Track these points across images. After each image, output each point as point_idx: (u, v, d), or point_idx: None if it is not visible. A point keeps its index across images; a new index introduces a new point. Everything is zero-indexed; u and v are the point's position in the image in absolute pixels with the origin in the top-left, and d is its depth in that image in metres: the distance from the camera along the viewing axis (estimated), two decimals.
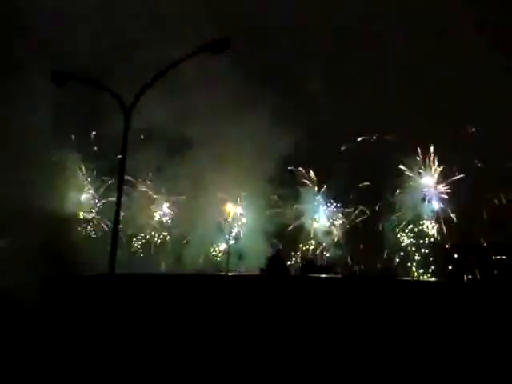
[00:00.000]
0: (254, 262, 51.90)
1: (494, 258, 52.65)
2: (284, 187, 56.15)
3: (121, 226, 16.21)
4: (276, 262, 49.73)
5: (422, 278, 52.26)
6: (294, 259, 56.53)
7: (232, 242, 55.28)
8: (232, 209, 54.63)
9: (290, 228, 56.04)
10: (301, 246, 57.11)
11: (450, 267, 53.56)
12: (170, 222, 57.67)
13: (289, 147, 52.10)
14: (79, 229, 55.10)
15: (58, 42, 44.83)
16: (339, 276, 44.48)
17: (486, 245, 51.95)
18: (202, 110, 49.30)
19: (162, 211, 57.63)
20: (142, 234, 56.03)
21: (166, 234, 57.45)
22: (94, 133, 52.83)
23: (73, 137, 51.41)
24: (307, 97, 54.56)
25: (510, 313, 20.30)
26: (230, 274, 48.37)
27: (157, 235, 57.11)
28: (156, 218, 57.45)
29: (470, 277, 51.13)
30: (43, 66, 39.65)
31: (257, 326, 19.63)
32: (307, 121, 53.02)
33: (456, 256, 54.47)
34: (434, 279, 51.41)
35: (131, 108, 15.11)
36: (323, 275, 41.60)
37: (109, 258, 14.58)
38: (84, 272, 34.65)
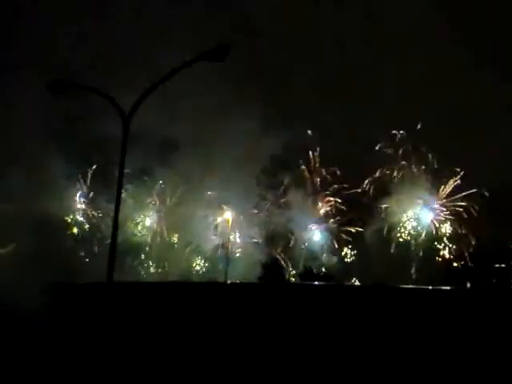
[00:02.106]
0: (246, 270, 51.60)
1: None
2: (274, 190, 55.84)
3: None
4: (273, 270, 49.53)
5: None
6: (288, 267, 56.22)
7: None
8: (231, 217, 54.06)
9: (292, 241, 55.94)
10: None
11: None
12: (158, 228, 57.21)
13: (279, 148, 52.09)
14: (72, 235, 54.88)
15: (52, 47, 44.82)
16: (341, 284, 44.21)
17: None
18: (189, 111, 48.69)
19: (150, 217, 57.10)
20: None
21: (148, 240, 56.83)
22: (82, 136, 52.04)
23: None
24: (299, 97, 54.64)
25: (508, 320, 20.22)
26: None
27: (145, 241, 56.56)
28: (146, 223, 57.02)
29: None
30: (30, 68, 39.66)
31: (256, 336, 19.45)
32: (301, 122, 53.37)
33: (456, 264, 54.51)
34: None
35: (130, 116, 14.94)
36: (324, 283, 41.34)
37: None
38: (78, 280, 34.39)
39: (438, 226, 54.80)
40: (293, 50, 54.94)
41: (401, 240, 55.54)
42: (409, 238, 55.45)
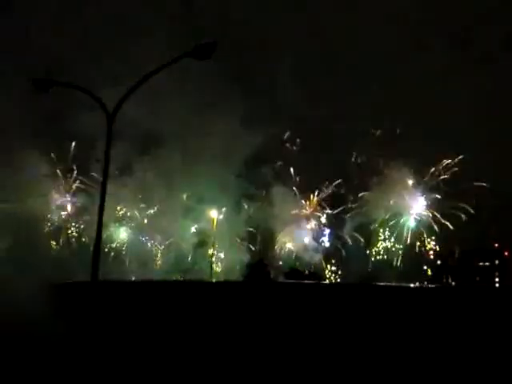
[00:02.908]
0: (229, 269, 51.25)
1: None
2: (256, 186, 55.36)
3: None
4: (260, 269, 49.38)
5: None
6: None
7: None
8: (216, 215, 53.55)
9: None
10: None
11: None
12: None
13: (262, 146, 52.01)
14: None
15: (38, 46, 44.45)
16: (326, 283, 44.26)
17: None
18: (172, 109, 48.24)
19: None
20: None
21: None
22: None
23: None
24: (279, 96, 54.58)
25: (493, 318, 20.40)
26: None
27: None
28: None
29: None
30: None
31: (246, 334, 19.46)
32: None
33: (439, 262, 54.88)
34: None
35: (114, 114, 14.84)
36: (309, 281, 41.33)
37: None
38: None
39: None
40: (276, 46, 55.18)
41: (378, 258, 55.77)
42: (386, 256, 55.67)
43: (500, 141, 47.23)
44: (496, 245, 53.52)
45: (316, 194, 57.04)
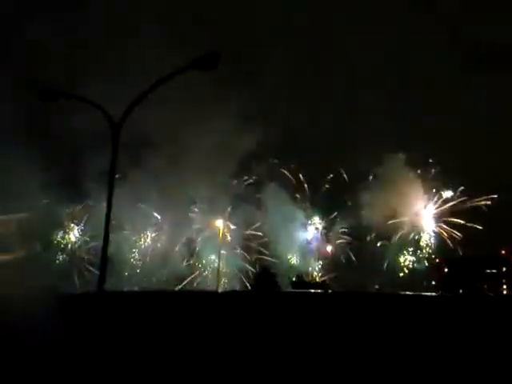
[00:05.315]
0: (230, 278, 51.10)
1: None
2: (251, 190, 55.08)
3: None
4: (265, 278, 49.27)
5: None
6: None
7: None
8: (222, 224, 53.36)
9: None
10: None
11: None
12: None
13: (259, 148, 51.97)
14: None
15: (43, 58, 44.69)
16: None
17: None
18: (166, 112, 48.31)
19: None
20: None
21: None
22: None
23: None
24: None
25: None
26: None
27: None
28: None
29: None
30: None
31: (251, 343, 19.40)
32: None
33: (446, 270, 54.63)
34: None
35: (120, 125, 14.93)
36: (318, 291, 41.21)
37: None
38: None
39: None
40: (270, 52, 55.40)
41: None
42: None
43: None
44: (503, 252, 53.34)
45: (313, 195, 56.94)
